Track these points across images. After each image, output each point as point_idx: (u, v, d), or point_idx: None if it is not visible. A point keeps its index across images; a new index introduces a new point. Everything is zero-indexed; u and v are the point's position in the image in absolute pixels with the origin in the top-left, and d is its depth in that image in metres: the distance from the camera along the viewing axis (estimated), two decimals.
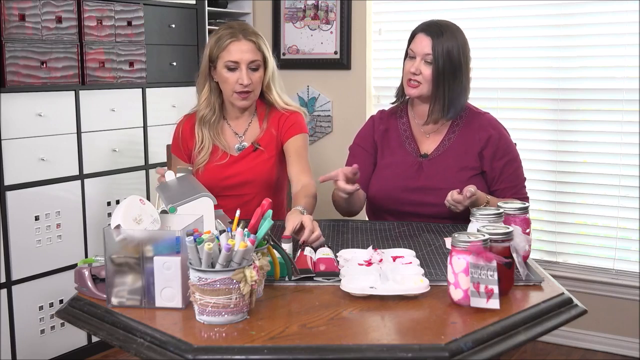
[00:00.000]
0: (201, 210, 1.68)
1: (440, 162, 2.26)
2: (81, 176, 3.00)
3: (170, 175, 1.99)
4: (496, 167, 2.25)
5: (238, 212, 1.52)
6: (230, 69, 2.26)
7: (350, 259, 1.71)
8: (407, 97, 2.33)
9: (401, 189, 2.26)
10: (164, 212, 1.77)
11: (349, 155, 2.43)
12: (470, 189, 2.02)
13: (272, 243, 1.57)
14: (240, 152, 2.36)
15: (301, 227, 1.83)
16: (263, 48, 2.31)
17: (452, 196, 2.04)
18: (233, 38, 2.26)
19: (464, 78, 2.23)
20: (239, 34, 2.28)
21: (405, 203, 2.25)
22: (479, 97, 2.87)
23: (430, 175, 2.25)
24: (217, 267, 1.36)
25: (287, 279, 1.61)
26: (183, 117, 2.48)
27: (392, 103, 2.41)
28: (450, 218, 2.20)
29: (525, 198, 2.28)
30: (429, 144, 2.31)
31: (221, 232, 1.43)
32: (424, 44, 2.20)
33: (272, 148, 2.36)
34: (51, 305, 2.92)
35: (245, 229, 1.42)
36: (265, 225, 1.48)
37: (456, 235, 1.46)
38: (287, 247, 1.68)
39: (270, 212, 1.52)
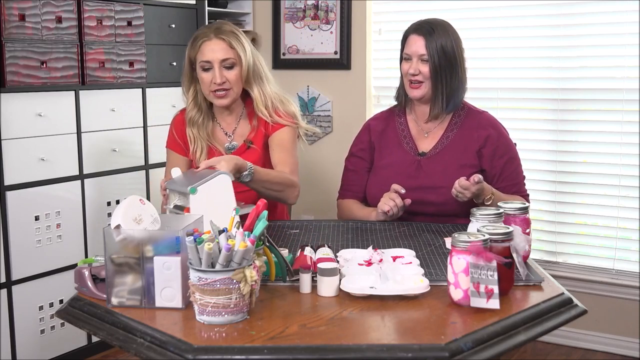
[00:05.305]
0: (220, 188, 1.72)
1: (439, 160, 2.27)
2: (81, 176, 3.00)
3: (176, 172, 2.02)
4: (496, 165, 2.26)
5: (235, 212, 1.52)
6: (205, 69, 2.25)
7: (350, 259, 1.71)
8: (408, 98, 2.34)
9: None
10: (176, 207, 1.82)
11: (346, 168, 2.42)
12: (478, 175, 2.05)
13: (267, 244, 1.56)
14: (234, 151, 2.34)
15: None
16: (235, 45, 2.26)
17: (460, 182, 2.06)
18: (204, 38, 2.26)
19: (461, 71, 2.26)
20: (211, 33, 2.26)
21: (403, 199, 2.25)
22: (479, 97, 2.87)
23: (429, 173, 2.25)
24: (217, 267, 1.36)
25: (283, 281, 1.60)
26: (177, 112, 2.46)
27: (396, 106, 2.41)
28: (449, 216, 2.20)
29: (526, 195, 2.30)
30: (427, 143, 2.32)
31: (220, 232, 1.43)
32: (418, 44, 2.21)
33: (260, 145, 2.34)
34: (51, 305, 2.92)
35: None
36: (260, 225, 1.47)
37: (456, 235, 1.46)
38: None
39: (265, 212, 1.51)
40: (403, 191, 2.15)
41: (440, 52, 2.20)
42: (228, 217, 1.61)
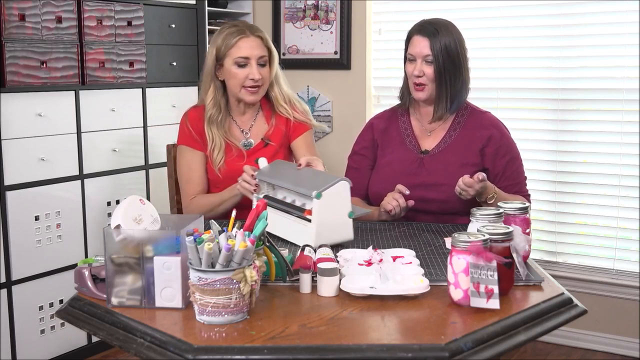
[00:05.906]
0: (340, 193, 1.86)
1: (441, 158, 2.27)
2: (81, 176, 3.00)
3: (263, 162, 2.12)
4: (499, 165, 2.26)
5: (234, 213, 1.52)
6: (240, 65, 2.29)
7: (350, 259, 1.71)
8: (412, 98, 2.34)
9: None
10: (267, 197, 1.97)
11: (348, 166, 2.43)
12: (482, 173, 2.06)
13: (267, 244, 1.56)
14: (252, 148, 2.38)
15: None
16: (269, 44, 2.36)
17: (464, 180, 2.06)
18: (242, 34, 2.30)
19: (464, 71, 2.26)
20: (246, 30, 2.32)
21: (406, 200, 2.25)
22: (479, 97, 2.86)
23: (431, 171, 2.25)
24: (217, 267, 1.36)
25: (283, 281, 1.60)
26: (189, 109, 2.45)
27: (399, 106, 2.41)
28: (450, 214, 2.21)
29: (527, 195, 2.31)
30: (430, 141, 2.32)
31: (220, 232, 1.43)
32: (422, 45, 2.21)
33: (278, 142, 2.41)
34: (51, 305, 2.92)
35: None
36: (260, 225, 1.47)
37: (456, 235, 1.46)
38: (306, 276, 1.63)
39: (265, 212, 1.51)
40: (407, 192, 2.15)
41: (444, 52, 2.20)
42: (345, 221, 1.87)
